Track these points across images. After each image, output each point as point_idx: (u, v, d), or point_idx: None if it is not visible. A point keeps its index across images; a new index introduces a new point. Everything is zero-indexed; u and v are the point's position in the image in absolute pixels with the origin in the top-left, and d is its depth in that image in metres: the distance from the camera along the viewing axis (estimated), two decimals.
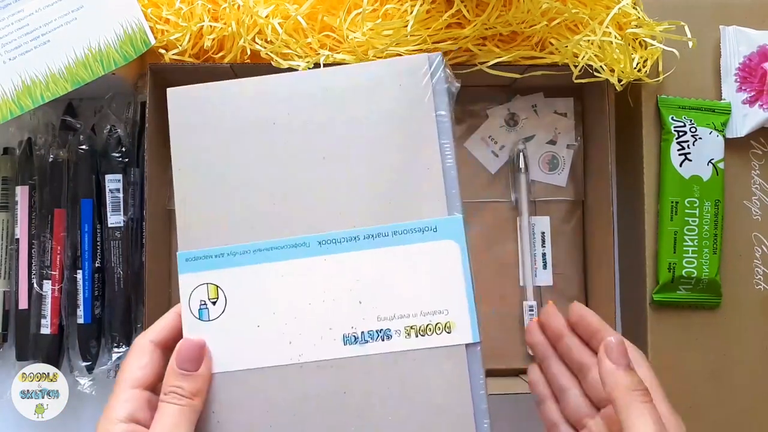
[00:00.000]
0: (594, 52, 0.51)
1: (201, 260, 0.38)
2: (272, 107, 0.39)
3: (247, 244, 0.38)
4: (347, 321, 0.37)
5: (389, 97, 0.39)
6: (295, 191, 0.39)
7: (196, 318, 0.38)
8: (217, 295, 0.38)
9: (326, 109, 0.39)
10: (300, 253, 0.38)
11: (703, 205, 0.53)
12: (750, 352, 0.54)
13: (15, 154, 0.56)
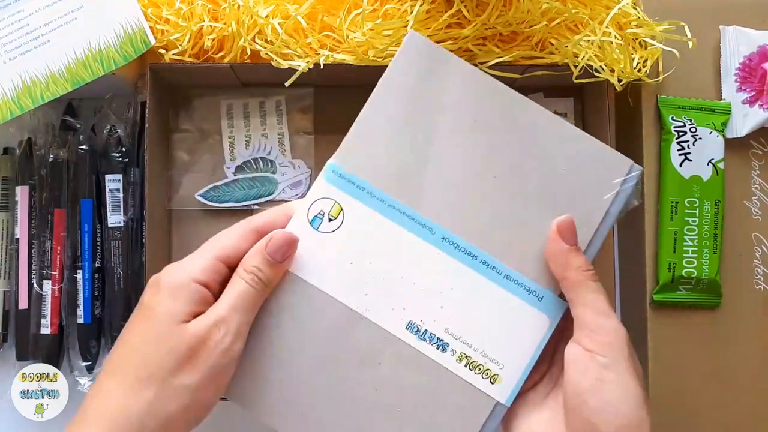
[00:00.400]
0: (594, 52, 0.51)
1: (344, 180, 0.40)
2: (489, 111, 0.41)
3: (388, 195, 0.40)
4: (421, 313, 0.39)
5: (580, 170, 0.40)
6: (454, 185, 0.40)
7: (307, 221, 0.40)
8: (337, 217, 0.40)
9: (526, 143, 0.40)
10: (423, 234, 0.40)
11: (703, 205, 0.53)
12: (750, 352, 0.54)
13: (15, 154, 0.56)
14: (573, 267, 0.37)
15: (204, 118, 0.57)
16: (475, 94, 0.41)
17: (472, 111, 0.40)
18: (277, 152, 0.57)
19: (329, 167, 0.40)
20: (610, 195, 0.40)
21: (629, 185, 0.40)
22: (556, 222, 0.38)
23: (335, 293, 0.39)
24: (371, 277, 0.39)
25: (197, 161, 0.57)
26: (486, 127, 0.40)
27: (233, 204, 0.57)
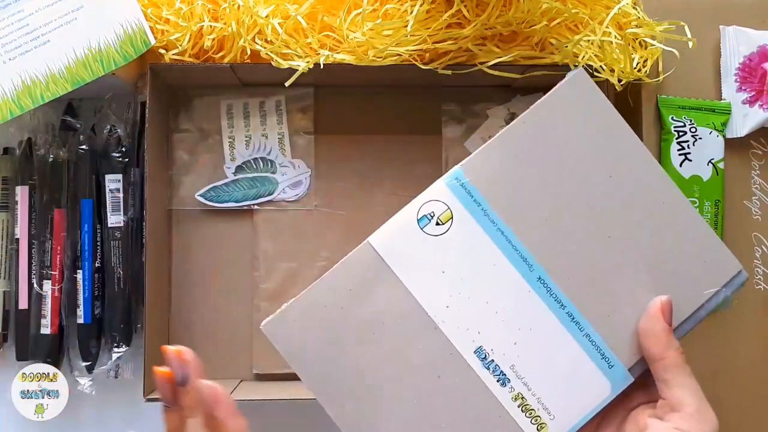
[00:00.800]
0: (594, 52, 0.51)
1: (464, 190, 0.40)
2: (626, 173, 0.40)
3: (501, 220, 0.39)
4: (493, 342, 0.39)
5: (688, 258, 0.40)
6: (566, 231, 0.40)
7: (414, 218, 0.39)
8: (445, 223, 0.39)
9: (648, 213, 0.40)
10: (522, 267, 0.39)
11: (703, 205, 0.53)
12: (751, 352, 0.53)
13: (15, 154, 0.56)
14: (673, 348, 0.37)
15: (204, 118, 0.57)
16: (618, 151, 0.40)
17: (611, 167, 0.40)
18: (277, 152, 0.57)
19: (454, 173, 0.40)
20: (711, 291, 0.40)
21: (732, 289, 0.40)
22: (661, 300, 0.38)
23: (419, 296, 0.39)
24: (458, 292, 0.39)
25: (197, 161, 0.57)
26: (617, 187, 0.40)
27: (233, 204, 0.57)
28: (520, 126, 0.40)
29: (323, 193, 0.57)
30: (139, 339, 0.55)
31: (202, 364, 0.36)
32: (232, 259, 0.57)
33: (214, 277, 0.57)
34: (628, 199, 0.40)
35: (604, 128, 0.40)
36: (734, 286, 0.40)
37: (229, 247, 0.57)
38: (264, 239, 0.57)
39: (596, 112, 0.41)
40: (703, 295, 0.39)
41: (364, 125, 0.58)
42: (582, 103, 0.41)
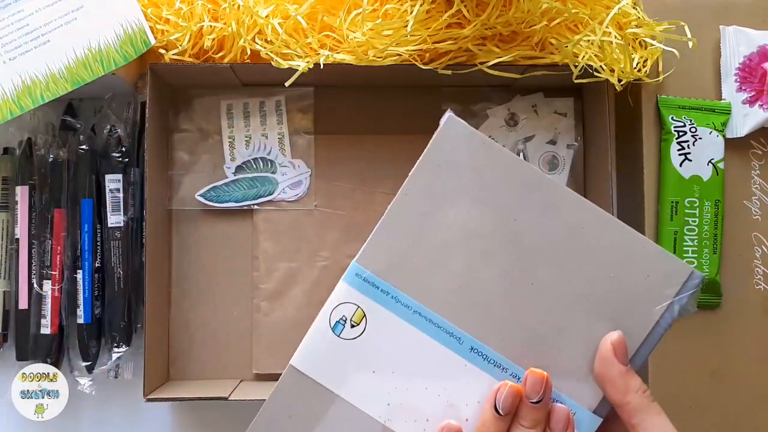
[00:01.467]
0: (594, 52, 0.51)
1: (368, 284, 0.37)
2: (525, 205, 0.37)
3: (415, 301, 0.37)
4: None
5: (630, 278, 0.37)
6: (487, 293, 0.37)
7: (329, 326, 0.38)
8: (360, 323, 0.37)
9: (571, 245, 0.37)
10: (450, 343, 0.37)
11: (703, 205, 0.53)
12: (750, 352, 0.54)
13: (15, 154, 0.56)
14: (633, 390, 0.35)
15: (204, 118, 0.57)
16: (516, 188, 0.37)
17: (512, 208, 0.37)
18: (277, 152, 0.57)
19: (352, 268, 0.38)
20: (662, 306, 0.37)
21: (687, 294, 0.37)
22: (611, 341, 0.36)
23: (357, 402, 0.37)
24: (394, 387, 0.37)
25: (197, 161, 0.57)
26: (526, 227, 0.37)
27: (233, 204, 0.57)
28: (404, 198, 0.37)
29: (323, 193, 0.57)
30: (139, 339, 0.55)
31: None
32: (232, 259, 0.57)
33: (214, 277, 0.57)
34: (542, 235, 0.37)
35: (494, 169, 0.37)
36: (689, 291, 0.37)
37: (229, 247, 0.57)
38: (264, 239, 0.57)
39: (480, 155, 0.38)
40: (655, 312, 0.37)
41: (364, 125, 0.58)
42: (461, 151, 0.38)
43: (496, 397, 0.36)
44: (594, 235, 0.37)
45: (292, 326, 0.56)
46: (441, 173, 0.38)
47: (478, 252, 0.37)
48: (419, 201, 0.38)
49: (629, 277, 0.37)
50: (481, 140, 0.38)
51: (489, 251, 0.37)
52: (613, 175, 0.55)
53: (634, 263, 0.37)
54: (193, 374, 0.56)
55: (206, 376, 0.56)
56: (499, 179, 0.37)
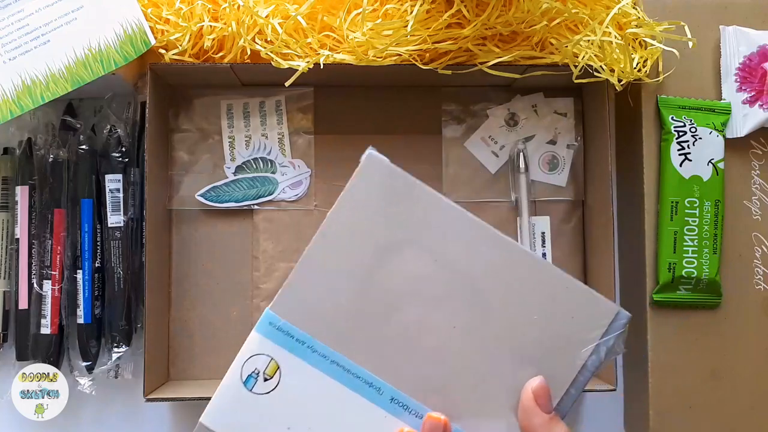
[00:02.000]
0: (594, 52, 0.51)
1: (282, 333, 0.36)
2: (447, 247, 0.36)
3: (332, 350, 0.36)
4: None
5: (555, 320, 0.36)
6: (407, 340, 0.36)
7: (240, 380, 0.36)
8: (273, 376, 0.36)
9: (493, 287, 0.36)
10: (369, 394, 0.35)
11: (703, 205, 0.53)
12: (750, 352, 0.53)
13: (15, 154, 0.56)
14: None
15: (204, 118, 0.57)
16: (436, 228, 0.35)
17: (433, 248, 0.35)
18: (277, 152, 0.57)
19: (266, 317, 0.36)
20: (589, 349, 0.35)
21: (612, 336, 0.35)
22: (531, 389, 0.35)
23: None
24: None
25: (197, 161, 0.57)
26: (446, 268, 0.35)
27: (233, 204, 0.57)
28: (322, 240, 0.36)
29: (323, 193, 0.57)
30: (139, 339, 0.55)
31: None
32: (232, 259, 0.57)
33: (214, 277, 0.57)
34: (462, 276, 0.35)
35: (414, 209, 0.36)
36: (616, 332, 0.36)
37: (229, 247, 0.57)
38: (264, 239, 0.57)
39: (400, 195, 0.36)
40: (581, 355, 0.35)
41: (364, 125, 0.58)
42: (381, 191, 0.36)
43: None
44: (516, 276, 0.36)
45: None
46: (360, 214, 0.36)
47: (397, 296, 0.36)
48: (337, 244, 0.36)
49: (554, 319, 0.36)
50: (402, 178, 0.36)
51: (407, 295, 0.36)
52: (613, 175, 0.55)
53: (558, 304, 0.36)
54: (193, 374, 0.56)
55: (206, 376, 0.56)
56: (420, 219, 0.36)
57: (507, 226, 0.58)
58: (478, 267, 0.36)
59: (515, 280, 0.36)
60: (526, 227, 0.57)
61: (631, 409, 0.57)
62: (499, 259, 0.36)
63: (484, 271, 0.36)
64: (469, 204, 0.58)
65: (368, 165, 0.36)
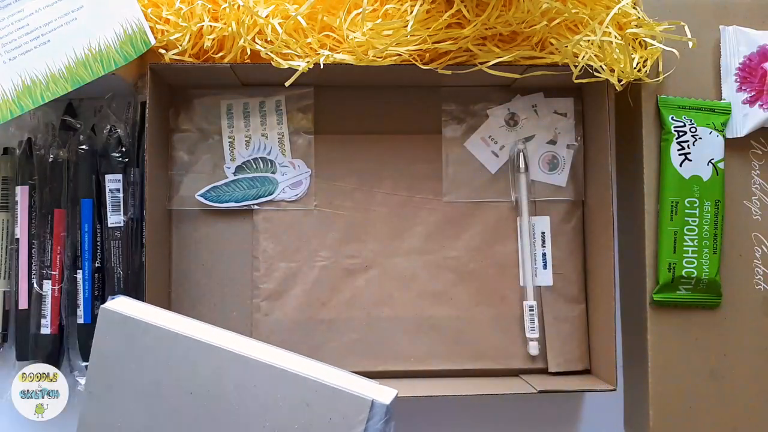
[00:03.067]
0: (594, 52, 0.51)
1: None
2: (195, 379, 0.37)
3: None
4: None
5: (315, 425, 0.36)
6: None
7: None
8: None
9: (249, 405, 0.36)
10: None
11: (703, 205, 0.53)
12: (750, 352, 0.53)
13: (15, 154, 0.56)
14: None
15: (204, 118, 0.57)
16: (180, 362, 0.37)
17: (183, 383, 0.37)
18: (277, 152, 0.57)
19: None
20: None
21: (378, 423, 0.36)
22: None
23: None
24: None
25: (197, 161, 0.57)
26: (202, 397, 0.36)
27: (233, 204, 0.57)
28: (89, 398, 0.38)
29: (323, 193, 0.57)
30: None
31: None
32: (232, 259, 0.57)
33: (214, 277, 0.57)
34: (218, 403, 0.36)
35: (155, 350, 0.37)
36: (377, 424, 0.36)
37: (229, 247, 0.57)
38: (264, 239, 0.57)
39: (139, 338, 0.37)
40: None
41: (364, 125, 0.58)
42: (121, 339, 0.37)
43: None
44: (267, 392, 0.36)
45: (292, 326, 0.56)
46: (111, 366, 0.38)
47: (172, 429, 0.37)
48: (102, 397, 0.38)
49: (313, 425, 0.36)
50: (136, 325, 0.38)
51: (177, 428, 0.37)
52: (613, 175, 0.55)
53: (313, 410, 0.36)
54: None
55: None
56: (164, 358, 0.37)
57: (507, 226, 0.58)
58: (227, 391, 0.36)
59: (267, 396, 0.36)
60: (526, 227, 0.57)
61: (631, 409, 0.57)
62: (246, 380, 0.37)
63: (236, 393, 0.36)
64: (469, 204, 0.58)
65: (103, 319, 0.38)
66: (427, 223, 0.57)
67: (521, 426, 0.59)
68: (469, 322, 0.57)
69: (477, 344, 0.57)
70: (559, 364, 0.57)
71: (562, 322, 0.57)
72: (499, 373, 0.57)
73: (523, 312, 0.57)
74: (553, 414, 0.59)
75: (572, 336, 0.57)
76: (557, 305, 0.57)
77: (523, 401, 0.58)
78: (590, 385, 0.54)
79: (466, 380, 0.55)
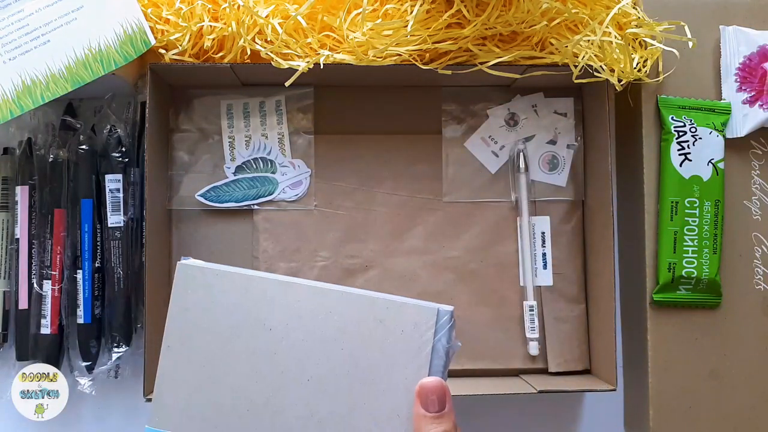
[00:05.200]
0: (594, 52, 0.51)
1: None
2: (273, 314, 0.39)
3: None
4: None
5: (390, 339, 0.38)
6: (273, 405, 0.39)
7: None
8: None
9: (325, 331, 0.39)
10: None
11: (703, 205, 0.53)
12: (750, 352, 0.54)
13: (15, 154, 0.56)
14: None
15: (204, 118, 0.57)
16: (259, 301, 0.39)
17: (263, 320, 0.39)
18: (277, 152, 0.57)
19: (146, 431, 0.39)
20: (427, 352, 0.38)
21: (443, 333, 0.38)
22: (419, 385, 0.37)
23: None
24: None
25: (197, 161, 0.57)
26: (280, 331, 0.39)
27: (233, 204, 0.57)
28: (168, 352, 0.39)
29: (323, 193, 0.57)
30: (139, 339, 0.55)
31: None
32: (232, 259, 0.57)
33: None
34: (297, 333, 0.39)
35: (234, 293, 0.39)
36: (443, 329, 0.38)
37: (229, 247, 0.57)
38: (264, 239, 0.57)
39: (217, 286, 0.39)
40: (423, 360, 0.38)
41: (364, 125, 0.58)
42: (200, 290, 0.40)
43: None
44: (341, 315, 0.39)
45: None
46: (190, 317, 0.40)
47: (250, 372, 0.39)
48: (182, 349, 0.39)
49: (387, 340, 0.38)
50: (213, 274, 0.40)
51: (259, 367, 0.39)
52: (613, 175, 0.55)
53: (386, 325, 0.38)
54: None
55: None
56: (242, 300, 0.39)
57: (507, 226, 0.58)
58: (307, 320, 0.39)
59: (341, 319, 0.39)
60: (526, 227, 0.57)
61: (631, 409, 0.57)
62: (321, 307, 0.39)
63: (313, 321, 0.39)
64: (469, 204, 0.58)
65: (181, 273, 0.40)
66: (427, 223, 0.57)
67: (521, 426, 0.59)
68: (469, 322, 0.57)
69: (477, 344, 0.57)
70: (559, 364, 0.57)
71: (562, 322, 0.57)
72: (499, 373, 0.57)
73: (523, 312, 0.57)
74: (553, 414, 0.59)
75: (572, 336, 0.57)
76: (557, 305, 0.57)
77: (523, 401, 0.58)
78: (590, 385, 0.54)
79: (466, 380, 0.55)
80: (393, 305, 0.39)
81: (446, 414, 0.37)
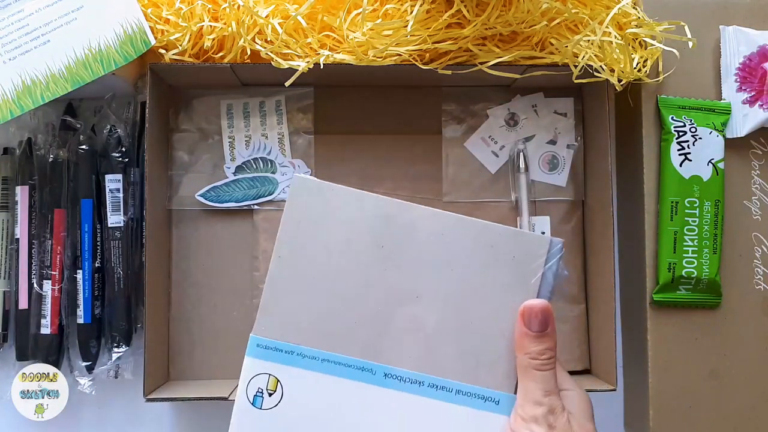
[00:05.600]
0: (594, 52, 0.51)
1: (271, 351, 0.39)
2: (386, 232, 0.40)
3: (318, 351, 0.39)
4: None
5: (500, 264, 0.40)
6: (381, 318, 0.39)
7: (249, 403, 0.39)
8: (276, 389, 0.39)
9: (437, 252, 0.40)
10: (364, 377, 0.39)
11: (703, 205, 0.53)
12: (750, 352, 0.53)
13: (15, 154, 0.56)
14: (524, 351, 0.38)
15: (204, 118, 0.57)
16: (373, 220, 0.40)
17: (375, 237, 0.40)
18: (277, 152, 0.57)
19: (252, 342, 0.39)
20: (537, 278, 0.40)
21: (553, 262, 0.40)
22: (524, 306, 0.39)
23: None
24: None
25: (197, 161, 0.57)
26: (392, 249, 0.40)
27: (233, 204, 0.57)
28: (279, 261, 0.40)
29: None
30: (139, 339, 0.55)
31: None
32: (232, 259, 0.57)
33: (214, 277, 0.57)
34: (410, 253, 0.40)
35: (349, 209, 0.40)
36: (554, 258, 0.40)
37: (229, 247, 0.57)
38: (264, 239, 0.57)
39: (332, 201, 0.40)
40: (532, 286, 0.40)
41: (364, 125, 0.58)
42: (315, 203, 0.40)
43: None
44: (454, 238, 0.40)
45: None
46: (303, 228, 0.40)
47: (360, 285, 0.40)
48: (292, 259, 0.40)
49: (498, 264, 0.40)
50: (328, 188, 0.40)
51: (369, 282, 0.40)
52: (613, 175, 0.55)
53: (498, 250, 0.40)
54: (193, 374, 0.56)
55: (206, 376, 0.56)
56: (356, 216, 0.40)
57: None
58: (420, 241, 0.40)
59: (454, 241, 0.40)
60: (526, 227, 0.57)
61: (631, 409, 0.57)
62: (435, 229, 0.40)
63: (426, 242, 0.40)
64: (469, 204, 0.58)
65: (298, 185, 0.41)
66: None
67: None
68: None
69: None
70: None
71: (562, 322, 0.57)
72: None
73: None
74: None
75: (572, 336, 0.57)
76: (557, 305, 0.57)
77: None
78: (590, 385, 0.54)
79: None
80: (506, 232, 0.40)
81: (549, 334, 0.39)
